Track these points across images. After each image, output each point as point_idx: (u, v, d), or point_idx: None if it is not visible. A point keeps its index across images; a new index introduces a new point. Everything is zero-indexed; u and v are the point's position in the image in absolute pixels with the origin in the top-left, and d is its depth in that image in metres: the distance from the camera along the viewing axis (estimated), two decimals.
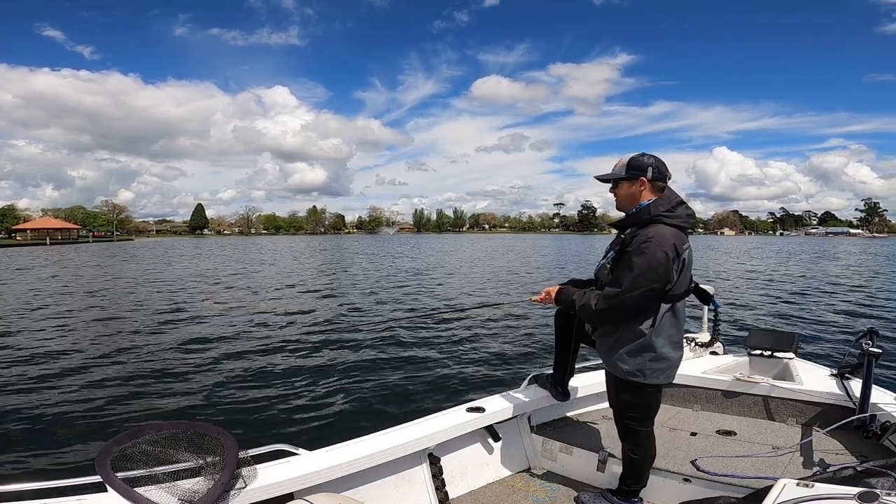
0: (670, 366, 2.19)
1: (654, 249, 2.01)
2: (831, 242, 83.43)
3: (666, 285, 2.06)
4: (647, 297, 2.05)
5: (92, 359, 7.24)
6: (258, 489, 1.84)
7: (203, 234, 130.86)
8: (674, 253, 2.04)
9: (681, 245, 2.08)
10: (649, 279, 2.01)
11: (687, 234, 2.16)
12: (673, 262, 2.04)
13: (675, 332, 2.18)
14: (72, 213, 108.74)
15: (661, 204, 2.11)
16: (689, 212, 2.16)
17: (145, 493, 1.60)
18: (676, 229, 2.09)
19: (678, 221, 2.10)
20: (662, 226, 2.07)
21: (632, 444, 2.34)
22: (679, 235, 2.09)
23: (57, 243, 70.40)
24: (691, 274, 2.20)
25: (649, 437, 2.34)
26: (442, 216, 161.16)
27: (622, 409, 2.34)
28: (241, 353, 7.63)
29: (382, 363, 7.02)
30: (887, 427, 2.55)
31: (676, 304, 2.15)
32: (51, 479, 1.72)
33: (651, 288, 2.03)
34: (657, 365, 2.15)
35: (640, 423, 2.31)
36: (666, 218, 2.08)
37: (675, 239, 2.06)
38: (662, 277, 2.03)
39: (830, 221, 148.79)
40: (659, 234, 2.04)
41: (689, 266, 2.16)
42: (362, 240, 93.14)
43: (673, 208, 2.11)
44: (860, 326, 9.11)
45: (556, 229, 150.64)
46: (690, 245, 2.19)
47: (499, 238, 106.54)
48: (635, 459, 2.33)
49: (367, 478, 2.22)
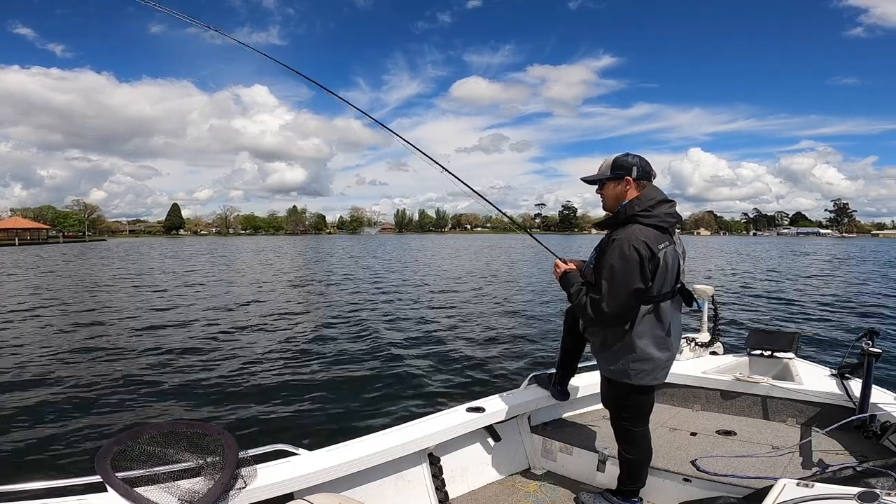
0: (656, 367, 2.16)
1: (623, 251, 2.01)
2: (804, 242, 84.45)
3: (647, 285, 2.04)
4: (630, 298, 2.04)
5: (92, 359, 7.24)
6: (258, 489, 1.83)
7: (179, 234, 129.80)
8: (648, 252, 2.01)
9: (656, 244, 2.03)
10: (625, 282, 2.01)
11: (669, 233, 2.11)
12: (648, 261, 2.01)
13: (660, 333, 2.13)
14: (41, 213, 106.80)
15: (637, 203, 2.10)
16: (670, 210, 2.12)
17: (145, 493, 1.60)
18: (654, 229, 2.06)
19: (655, 221, 2.07)
20: (638, 226, 2.06)
21: (626, 445, 2.34)
22: (655, 235, 2.05)
23: (26, 244, 70.15)
24: (677, 274, 2.14)
25: (644, 438, 2.33)
26: (424, 216, 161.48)
27: (614, 409, 2.36)
28: (241, 353, 7.63)
29: (382, 363, 7.01)
30: (887, 427, 2.54)
31: (661, 305, 2.11)
32: (51, 479, 1.72)
33: (633, 290, 2.02)
34: (642, 366, 2.14)
35: (633, 424, 2.31)
36: (642, 217, 2.07)
37: (648, 238, 2.03)
38: (638, 278, 2.01)
39: (801, 222, 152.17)
40: (630, 234, 2.03)
41: (673, 267, 2.11)
42: (346, 240, 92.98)
43: (651, 207, 2.08)
44: (860, 326, 9.12)
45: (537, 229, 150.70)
46: (676, 245, 2.14)
47: (485, 238, 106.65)
48: (630, 459, 2.33)
49: (367, 478, 2.22)
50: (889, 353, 6.80)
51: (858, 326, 9.43)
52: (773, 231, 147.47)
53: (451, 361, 7.15)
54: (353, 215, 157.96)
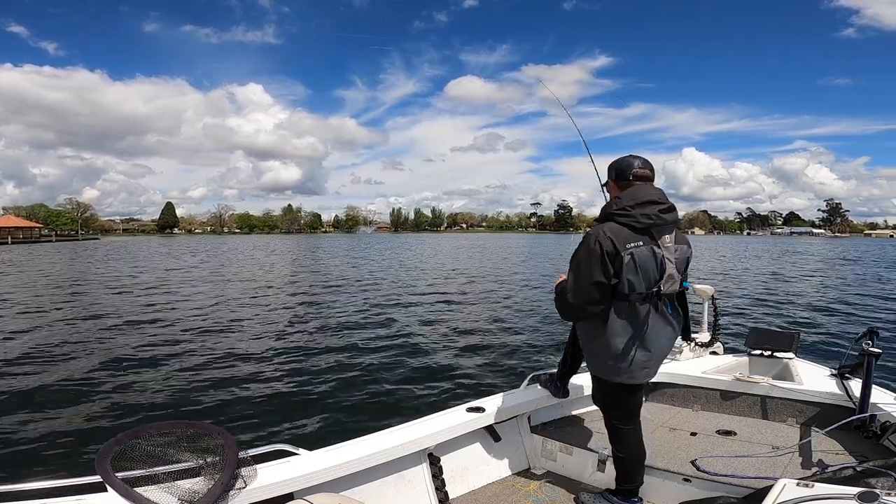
0: (634, 366, 2.15)
1: (589, 245, 2.08)
2: (797, 241, 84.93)
3: (610, 280, 2.06)
4: (592, 291, 2.07)
5: (92, 359, 7.24)
6: (258, 489, 1.84)
7: (173, 233, 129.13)
8: (612, 249, 2.03)
9: (623, 242, 2.04)
10: (587, 275, 2.07)
11: (648, 234, 2.08)
12: (612, 258, 2.03)
13: (634, 332, 2.12)
14: (33, 212, 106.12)
15: (615, 203, 2.16)
16: (647, 212, 2.08)
17: (145, 493, 1.60)
18: (627, 228, 2.07)
19: (629, 220, 2.07)
20: (610, 223, 2.10)
21: (616, 444, 2.36)
22: (627, 234, 2.06)
23: (18, 242, 69.92)
24: (660, 275, 2.10)
25: (633, 437, 2.33)
26: (420, 215, 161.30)
27: (602, 407, 2.43)
28: (241, 353, 7.63)
29: (382, 363, 7.02)
30: (887, 427, 2.54)
31: (637, 305, 2.10)
32: (51, 479, 1.72)
33: (594, 282, 2.06)
34: (619, 364, 2.15)
35: (620, 422, 2.33)
36: (617, 216, 2.11)
37: (616, 236, 2.05)
38: (599, 271, 2.04)
39: (794, 221, 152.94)
40: (598, 230, 2.09)
41: (649, 267, 2.07)
42: (343, 239, 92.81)
43: (630, 207, 2.09)
44: (860, 326, 9.12)
45: (533, 229, 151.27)
46: (663, 247, 2.10)
47: (484, 237, 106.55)
48: (621, 458, 2.34)
49: (367, 478, 2.22)
50: (889, 353, 6.80)
51: (858, 326, 9.43)
52: (767, 231, 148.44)
53: (451, 361, 7.16)
54: (349, 214, 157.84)
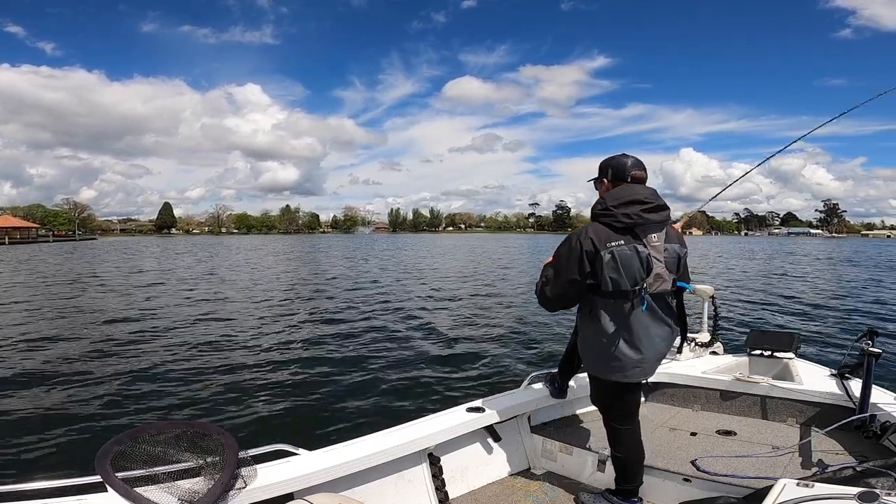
0: (625, 365, 2.15)
1: (571, 243, 2.13)
2: (795, 242, 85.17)
3: (585, 279, 2.09)
4: (568, 287, 2.15)
5: (92, 359, 7.23)
6: (258, 489, 1.83)
7: (171, 233, 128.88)
8: (591, 248, 2.07)
9: (603, 242, 2.06)
10: (564, 271, 2.13)
11: (631, 233, 2.08)
12: (591, 256, 2.07)
13: (617, 330, 2.12)
14: (30, 212, 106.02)
15: (600, 202, 2.19)
16: (630, 211, 2.08)
17: (145, 493, 1.60)
18: (609, 227, 2.09)
19: (610, 220, 2.10)
20: (595, 224, 2.14)
21: (614, 444, 2.36)
22: (608, 233, 2.08)
23: (15, 242, 69.99)
24: (642, 275, 2.08)
25: (630, 437, 2.33)
26: (418, 216, 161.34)
27: (599, 407, 2.45)
28: (241, 353, 7.63)
29: (382, 363, 7.01)
30: (887, 427, 2.54)
31: (622, 303, 2.09)
32: (51, 479, 1.72)
33: (569, 279, 2.12)
34: (611, 362, 2.17)
35: (617, 422, 2.34)
36: (600, 216, 2.14)
37: (597, 235, 2.08)
38: (575, 269, 2.09)
39: (792, 222, 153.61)
40: (581, 230, 2.14)
41: (632, 266, 2.06)
42: (341, 239, 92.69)
43: (612, 207, 2.10)
44: (860, 326, 9.12)
45: (531, 229, 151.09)
46: (648, 246, 2.08)
47: (483, 238, 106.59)
48: (619, 458, 2.35)
49: (367, 478, 2.22)
50: (889, 353, 6.80)
51: (858, 326, 9.43)
52: (765, 231, 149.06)
53: (450, 361, 7.15)
54: (347, 214, 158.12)
